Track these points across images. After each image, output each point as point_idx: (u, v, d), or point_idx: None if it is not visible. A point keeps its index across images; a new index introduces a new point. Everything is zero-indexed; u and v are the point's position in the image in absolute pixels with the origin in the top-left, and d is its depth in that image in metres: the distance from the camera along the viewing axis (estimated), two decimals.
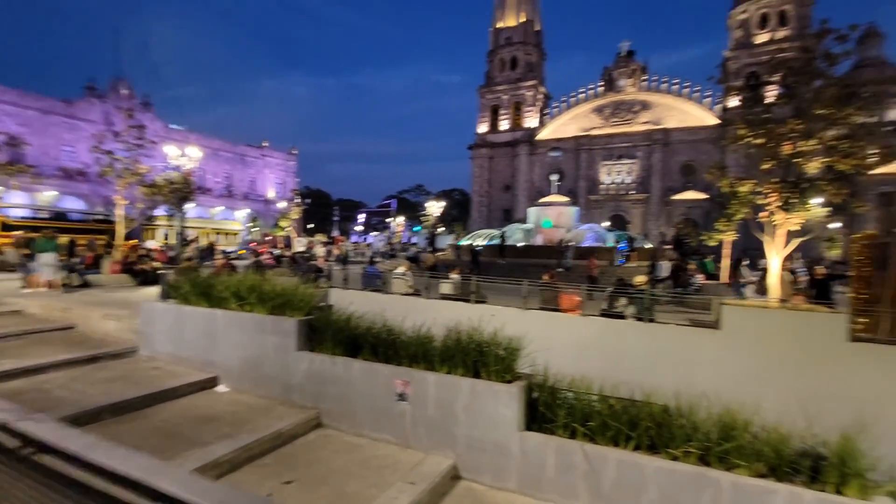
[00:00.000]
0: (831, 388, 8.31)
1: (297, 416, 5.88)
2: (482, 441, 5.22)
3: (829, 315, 8.96)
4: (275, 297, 6.94)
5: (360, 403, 5.88)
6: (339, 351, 6.22)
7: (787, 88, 9.92)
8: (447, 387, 5.38)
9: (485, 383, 5.28)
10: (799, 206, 9.11)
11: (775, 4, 54.46)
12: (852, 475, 4.61)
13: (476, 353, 5.47)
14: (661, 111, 62.15)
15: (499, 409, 5.16)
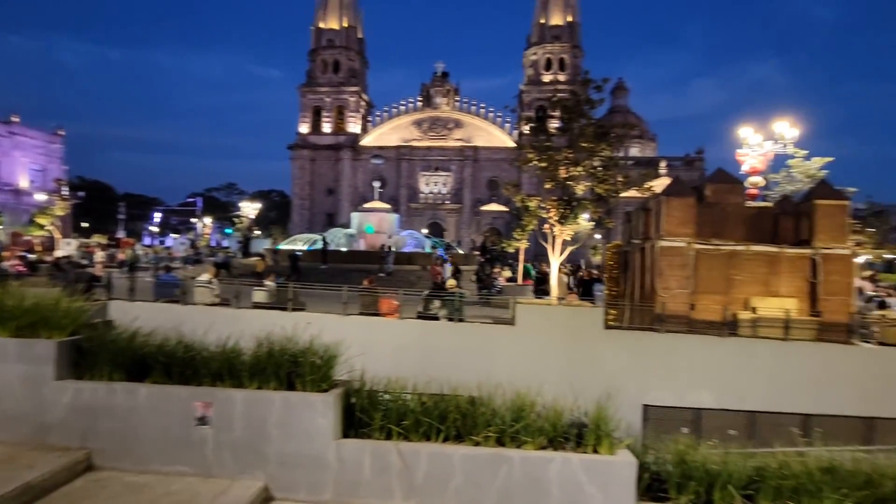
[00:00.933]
0: (592, 366, 10.37)
1: (56, 462, 4.73)
2: (297, 456, 5.02)
3: (591, 309, 11.21)
4: (21, 314, 5.47)
5: (148, 435, 5.05)
6: (120, 376, 5.24)
7: (563, 123, 12.19)
8: (258, 403, 5.03)
9: (300, 395, 5.09)
10: (571, 220, 11.31)
11: (557, 52, 65.72)
12: (604, 436, 5.84)
13: (290, 363, 5.23)
14: (471, 130, 68.92)
15: (315, 419, 5.03)
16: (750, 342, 10.56)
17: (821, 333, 10.60)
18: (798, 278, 11.14)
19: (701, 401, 10.66)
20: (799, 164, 17.59)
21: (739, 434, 10.34)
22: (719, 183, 12.08)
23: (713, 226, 11.63)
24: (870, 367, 10.19)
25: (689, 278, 11.25)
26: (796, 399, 10.30)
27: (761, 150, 17.06)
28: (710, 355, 10.59)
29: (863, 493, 5.64)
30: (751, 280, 11.28)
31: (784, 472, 5.78)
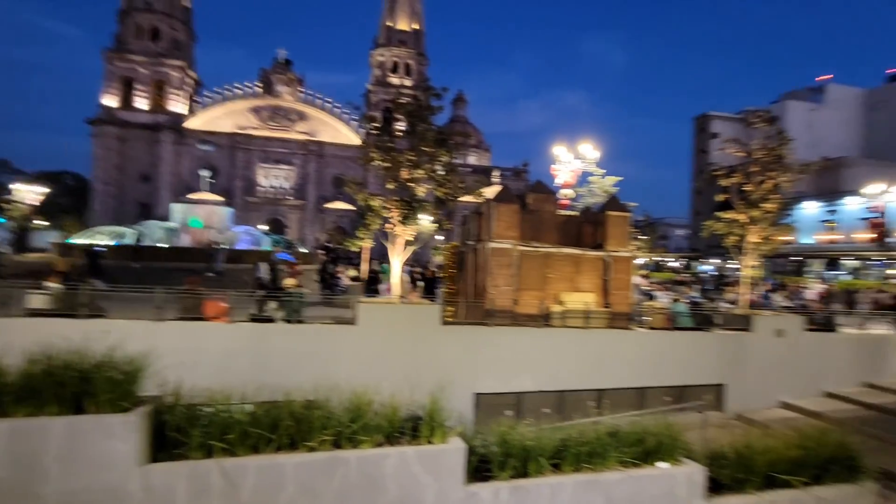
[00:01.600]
0: (430, 361, 10.88)
1: None
2: (88, 492, 4.21)
3: (429, 306, 11.75)
4: None
5: None
6: None
7: (407, 126, 12.56)
8: (27, 435, 4.08)
9: (91, 418, 4.29)
10: (412, 221, 11.72)
11: (403, 56, 67.33)
12: (438, 426, 6.19)
13: (78, 382, 4.37)
14: (316, 124, 66.24)
15: (113, 445, 4.29)
16: (560, 331, 12.28)
17: (610, 321, 12.87)
18: (595, 276, 13.34)
19: (522, 385, 12.02)
20: (598, 180, 21.17)
21: (551, 411, 11.97)
22: (538, 193, 13.81)
23: (533, 230, 13.22)
24: (642, 347, 12.72)
25: (514, 277, 12.59)
26: (593, 377, 12.32)
27: (571, 167, 20.01)
28: (529, 344, 12.01)
29: (635, 449, 7.03)
30: (561, 278, 13.13)
31: (582, 439, 6.89)
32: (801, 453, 7.27)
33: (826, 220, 43.66)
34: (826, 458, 7.32)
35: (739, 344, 13.31)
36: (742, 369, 13.23)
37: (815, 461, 7.29)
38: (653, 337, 12.96)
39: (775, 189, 14.53)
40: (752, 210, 14.71)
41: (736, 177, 15.11)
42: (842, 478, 7.43)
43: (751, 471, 7.13)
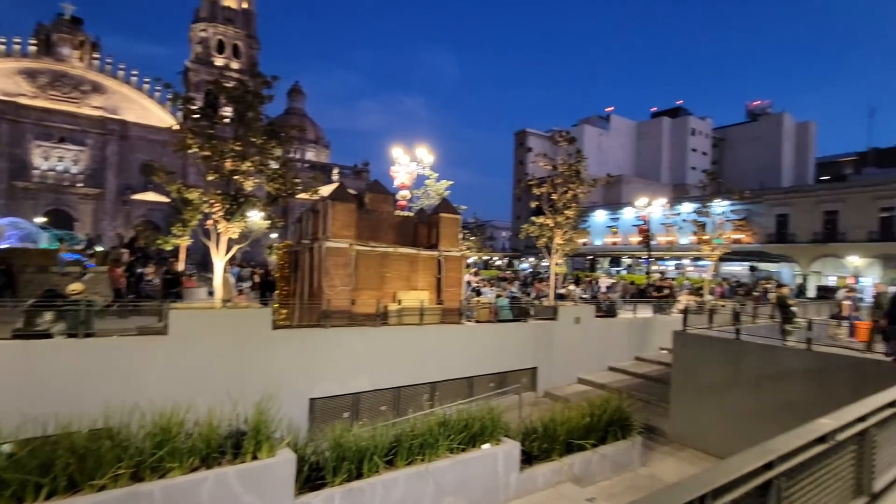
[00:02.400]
0: (259, 370, 10.09)
1: None
2: None
3: (259, 310, 10.86)
4: None
5: None
6: None
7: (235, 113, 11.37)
8: None
9: None
10: (238, 217, 10.64)
11: (231, 36, 61.03)
12: (264, 440, 5.75)
13: None
14: (118, 100, 55.73)
15: None
16: (396, 329, 12.56)
17: (443, 317, 13.65)
18: (429, 275, 14.01)
19: (360, 385, 11.95)
20: (433, 183, 22.29)
21: (388, 409, 12.17)
22: (376, 193, 13.91)
23: (370, 230, 13.27)
24: (471, 339, 13.79)
25: (350, 276, 12.44)
26: (428, 371, 12.91)
27: (408, 169, 20.65)
28: (367, 344, 12.01)
29: (463, 435, 7.57)
30: (397, 277, 13.45)
31: (414, 433, 7.15)
32: (589, 420, 8.74)
33: (611, 226, 53.39)
34: (607, 422, 8.93)
35: (548, 331, 15.39)
36: (550, 353, 15.32)
37: (599, 425, 8.83)
38: (479, 329, 14.15)
39: (574, 198, 17.25)
40: (558, 216, 17.20)
41: (545, 187, 17.48)
42: (619, 436, 9.16)
43: (555, 440, 8.31)
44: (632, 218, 45.07)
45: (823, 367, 9.17)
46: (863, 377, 8.47)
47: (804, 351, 9.61)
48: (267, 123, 11.33)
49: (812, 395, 9.06)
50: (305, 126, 67.90)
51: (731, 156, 78.09)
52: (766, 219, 40.22)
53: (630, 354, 17.41)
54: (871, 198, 35.40)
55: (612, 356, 16.92)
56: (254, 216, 13.54)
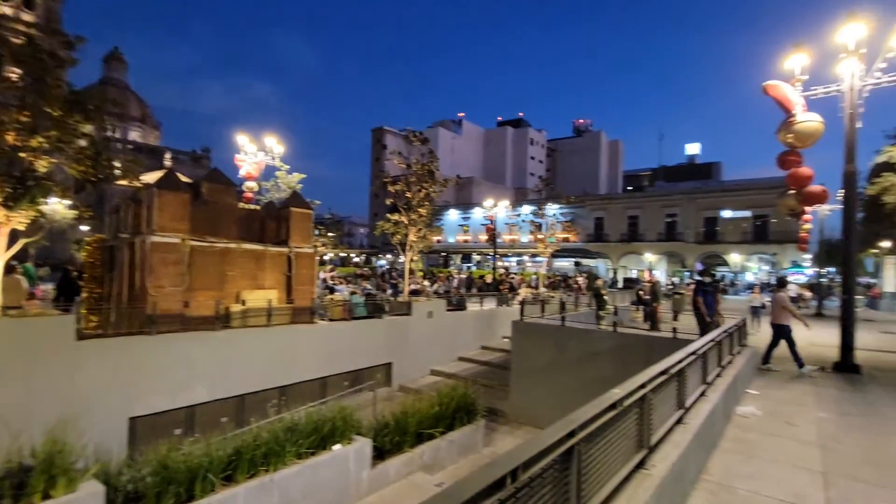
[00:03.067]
0: (57, 390, 8.34)
1: None
2: None
3: (57, 318, 8.95)
4: None
5: None
6: None
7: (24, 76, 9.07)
8: None
9: None
10: (25, 204, 8.53)
11: None
12: (60, 473, 4.77)
13: None
14: None
15: None
16: (240, 332, 11.53)
17: (294, 317, 12.96)
18: (278, 272, 13.16)
19: (195, 397, 10.69)
20: (284, 176, 20.96)
21: (230, 419, 11.12)
22: (215, 182, 12.53)
23: (209, 223, 11.92)
24: (324, 338, 13.35)
25: (183, 275, 11.03)
26: (277, 375, 12.13)
27: (255, 159, 19.09)
28: (204, 350, 10.79)
29: (312, 439, 7.30)
30: (241, 275, 12.35)
31: (257, 442, 6.66)
32: (438, 409, 9.17)
33: (462, 225, 56.67)
34: (455, 409, 9.48)
35: (402, 326, 15.70)
36: (404, 347, 15.66)
37: (447, 413, 9.32)
38: (333, 328, 13.77)
39: (427, 197, 17.86)
40: (412, 213, 17.63)
41: (400, 185, 17.77)
42: (465, 421, 9.79)
43: (406, 433, 8.52)
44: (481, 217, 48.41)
45: (625, 345, 11.05)
46: (651, 351, 10.43)
47: (612, 333, 11.45)
48: (69, 91, 9.32)
49: (618, 370, 10.85)
50: (128, 100, 58.03)
51: (562, 165, 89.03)
52: (587, 221, 46.89)
53: (478, 344, 18.72)
54: (660, 206, 43.71)
55: (463, 347, 17.99)
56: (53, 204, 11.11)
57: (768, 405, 6.06)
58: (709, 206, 40.98)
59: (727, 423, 5.27)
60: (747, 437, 4.86)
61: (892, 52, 7.17)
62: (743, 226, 39.12)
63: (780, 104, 7.82)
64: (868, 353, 9.99)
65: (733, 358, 7.15)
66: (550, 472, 1.82)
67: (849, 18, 7.30)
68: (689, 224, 41.69)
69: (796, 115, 7.66)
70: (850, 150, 7.68)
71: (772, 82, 7.77)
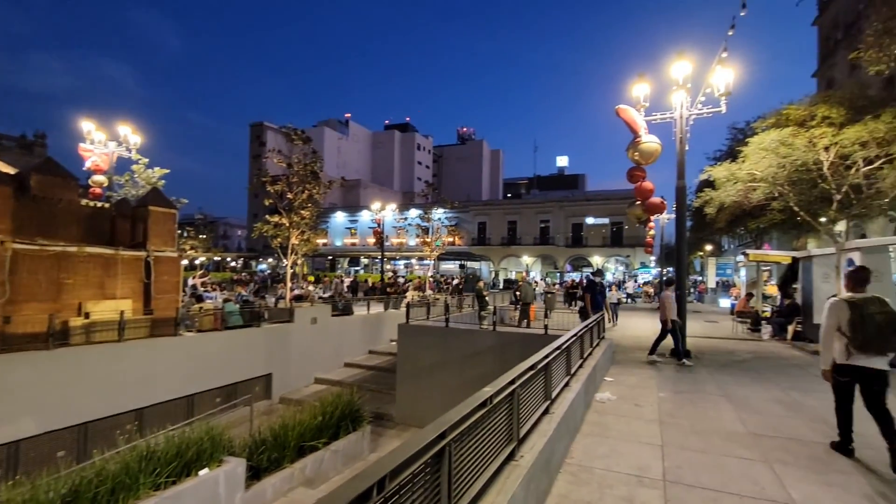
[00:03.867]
0: None
1: None
2: None
3: None
4: None
5: None
6: None
7: None
8: None
9: None
10: None
11: None
12: None
13: None
14: None
15: None
16: (83, 350, 9.91)
17: (153, 329, 11.49)
18: (133, 279, 11.57)
19: (20, 431, 8.94)
20: (142, 170, 18.51)
21: (69, 453, 9.48)
22: (49, 175, 10.60)
23: (40, 223, 10.06)
24: (191, 352, 12.05)
25: (2, 285, 9.15)
26: (132, 397, 10.64)
27: (105, 149, 16.60)
28: (31, 374, 9.07)
29: (173, 466, 6.53)
30: (85, 283, 10.62)
31: (101, 477, 5.77)
32: (321, 419, 8.83)
33: (350, 228, 55.45)
34: (339, 417, 9.22)
35: (283, 334, 14.84)
36: (285, 357, 14.80)
37: (331, 422, 9.03)
38: (202, 340, 12.50)
39: (311, 199, 17.16)
40: (293, 215, 16.78)
41: (280, 185, 16.82)
42: (350, 429, 9.56)
43: (285, 447, 8.06)
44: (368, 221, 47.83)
45: (504, 343, 11.73)
46: (527, 347, 11.22)
47: (492, 332, 12.08)
48: None
49: (498, 366, 11.49)
50: None
51: (447, 170, 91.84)
52: (471, 225, 48.99)
53: (365, 349, 18.43)
54: (535, 212, 47.35)
55: (349, 352, 17.57)
56: None
57: (621, 390, 6.88)
58: (575, 213, 45.46)
59: (587, 409, 5.87)
60: (603, 421, 5.47)
61: (710, 88, 8.67)
62: (602, 231, 44.08)
63: (629, 125, 8.98)
64: (696, 340, 11.89)
65: (593, 350, 7.99)
66: (421, 477, 1.85)
67: (678, 56, 8.67)
68: (560, 229, 45.81)
69: (641, 136, 8.86)
70: (680, 168, 9.10)
71: (622, 106, 8.89)
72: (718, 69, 8.41)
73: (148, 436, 7.42)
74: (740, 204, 13.03)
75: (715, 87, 8.62)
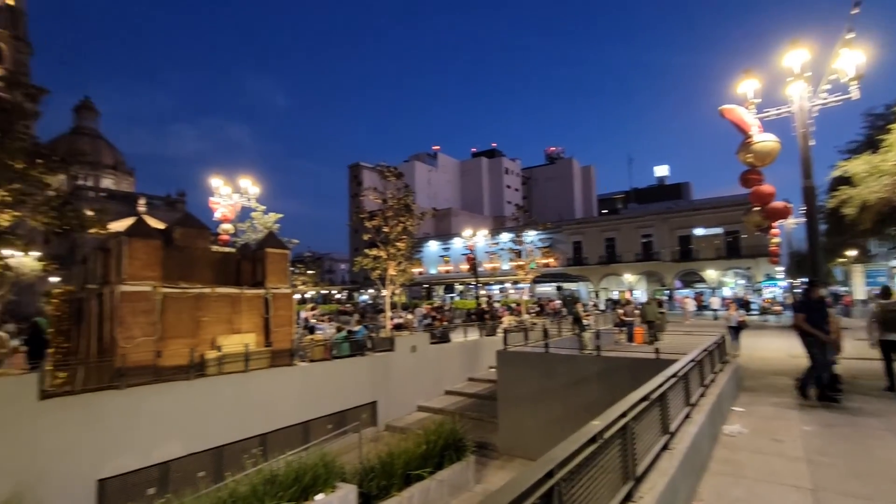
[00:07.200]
0: (17, 455, 7.82)
1: None
2: None
3: (17, 378, 8.49)
4: None
5: None
6: None
7: None
8: None
9: None
10: None
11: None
12: None
13: None
14: None
15: None
16: (215, 380, 11.11)
17: (273, 360, 12.58)
18: (255, 315, 12.84)
19: (170, 453, 10.17)
20: (260, 216, 20.80)
21: (208, 473, 10.57)
22: (187, 227, 12.31)
23: (181, 269, 11.64)
24: (305, 381, 12.96)
25: (155, 324, 10.66)
26: (256, 422, 11.65)
27: (230, 201, 18.92)
28: (178, 402, 10.34)
29: (293, 490, 6.96)
30: (217, 320, 12.00)
31: (233, 497, 6.32)
32: (426, 448, 8.89)
33: (443, 256, 56.74)
34: (443, 446, 9.20)
35: (386, 363, 15.38)
36: (389, 384, 15.29)
37: (435, 451, 9.04)
38: (314, 369, 13.40)
39: (405, 231, 17.90)
40: (390, 247, 17.60)
41: (377, 220, 17.80)
42: (454, 458, 9.50)
43: (392, 475, 8.21)
44: (461, 248, 48.61)
45: (610, 368, 11.00)
46: (636, 373, 10.39)
47: (596, 357, 11.41)
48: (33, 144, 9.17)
49: (605, 394, 10.77)
50: (100, 149, 57.42)
51: (536, 192, 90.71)
52: (566, 245, 47.49)
53: (464, 376, 18.42)
54: (635, 227, 44.65)
55: (449, 380, 17.67)
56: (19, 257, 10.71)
57: (754, 422, 6.04)
58: (681, 224, 42.05)
59: (715, 443, 5.22)
60: (735, 458, 4.81)
61: (835, 74, 7.62)
62: (715, 242, 40.12)
63: (737, 126, 8.16)
64: (846, 362, 10.16)
65: (716, 376, 7.17)
66: None
67: (792, 45, 7.76)
68: (665, 243, 42.59)
69: (753, 136, 7.99)
70: (806, 166, 8.01)
71: (727, 106, 8.13)
72: (844, 53, 7.38)
73: (270, 460, 8.03)
74: (888, 200, 11.12)
75: (842, 72, 7.56)
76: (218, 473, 10.55)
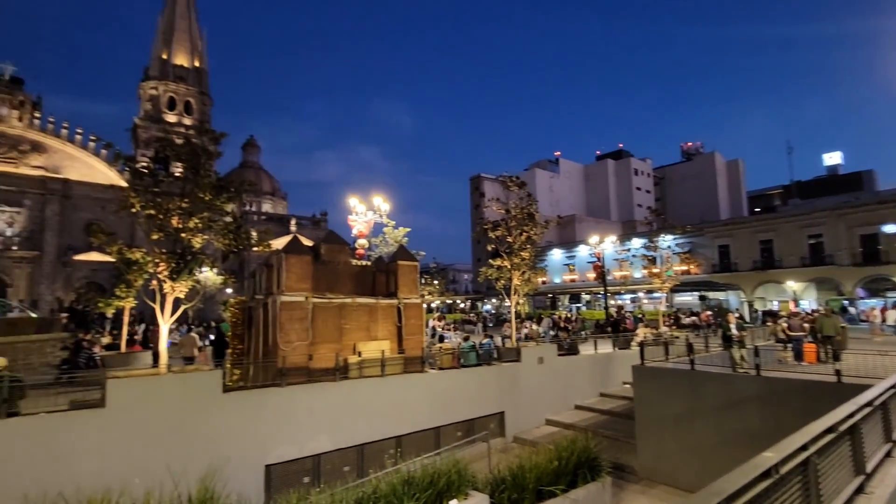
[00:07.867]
0: (208, 438, 9.37)
1: None
2: None
3: (206, 374, 10.22)
4: None
5: None
6: None
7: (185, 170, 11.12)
8: None
9: None
10: (185, 276, 10.20)
11: (182, 93, 60.71)
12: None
13: None
14: (60, 158, 53.49)
15: None
16: (356, 382, 12.11)
17: (406, 366, 13.31)
18: (389, 323, 13.75)
19: (320, 446, 11.30)
20: (391, 231, 22.33)
21: (352, 468, 11.52)
22: (331, 243, 13.75)
23: (327, 281, 13.00)
24: (435, 388, 13.46)
25: (307, 330, 12.02)
26: (392, 425, 12.40)
27: (365, 218, 20.65)
28: (326, 401, 11.47)
29: (429, 493, 7.22)
30: (357, 327, 13.11)
31: (376, 494, 6.76)
32: (557, 464, 8.56)
33: (568, 264, 54.80)
34: (576, 464, 8.77)
35: (513, 374, 15.27)
36: (516, 396, 15.13)
37: (568, 468, 8.65)
38: (444, 377, 13.85)
39: (529, 240, 17.68)
40: (514, 257, 17.52)
41: (500, 230, 17.89)
42: (588, 478, 8.99)
43: (524, 489, 8.05)
44: (586, 255, 46.49)
45: (774, 391, 9.48)
46: (810, 399, 8.80)
47: (754, 377, 9.94)
48: (216, 179, 11.14)
49: (768, 422, 9.30)
50: (261, 179, 67.29)
51: (672, 193, 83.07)
52: (709, 250, 42.49)
53: (595, 391, 17.45)
54: (798, 227, 38.24)
55: (578, 394, 16.90)
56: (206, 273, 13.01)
57: None
58: (864, 221, 34.92)
59: None
60: None
61: None
62: None
63: None
64: None
65: None
66: None
67: None
68: (840, 244, 35.73)
69: None
70: None
71: None
72: None
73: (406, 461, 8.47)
74: None
75: None
76: (361, 469, 11.43)
